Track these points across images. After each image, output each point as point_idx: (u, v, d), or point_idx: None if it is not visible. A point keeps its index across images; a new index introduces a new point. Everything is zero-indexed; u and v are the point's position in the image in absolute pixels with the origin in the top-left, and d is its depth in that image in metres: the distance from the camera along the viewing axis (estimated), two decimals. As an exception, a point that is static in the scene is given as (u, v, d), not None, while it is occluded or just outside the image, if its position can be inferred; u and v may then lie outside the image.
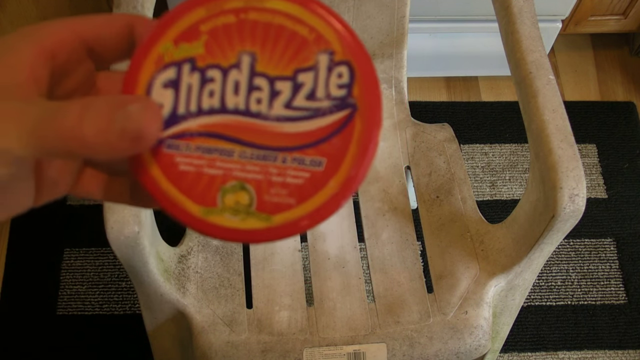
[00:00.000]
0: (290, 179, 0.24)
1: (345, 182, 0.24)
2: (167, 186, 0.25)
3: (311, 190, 0.24)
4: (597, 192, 1.39)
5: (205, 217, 0.24)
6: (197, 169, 0.25)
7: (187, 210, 0.25)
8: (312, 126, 0.24)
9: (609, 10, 1.37)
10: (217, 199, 0.24)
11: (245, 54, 0.25)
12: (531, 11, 0.77)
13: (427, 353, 0.78)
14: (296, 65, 0.25)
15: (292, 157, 0.24)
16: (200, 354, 0.77)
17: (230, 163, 0.25)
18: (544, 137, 0.69)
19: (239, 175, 0.24)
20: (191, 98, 0.25)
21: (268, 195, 0.24)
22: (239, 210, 0.24)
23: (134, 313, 1.22)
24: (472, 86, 1.51)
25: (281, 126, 0.25)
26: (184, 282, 0.78)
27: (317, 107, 0.25)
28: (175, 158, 0.25)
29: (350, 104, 0.24)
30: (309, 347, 0.77)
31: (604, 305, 1.28)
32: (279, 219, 0.24)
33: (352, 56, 0.25)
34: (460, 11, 1.28)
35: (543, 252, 0.75)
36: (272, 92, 0.25)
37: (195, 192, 0.25)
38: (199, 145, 0.25)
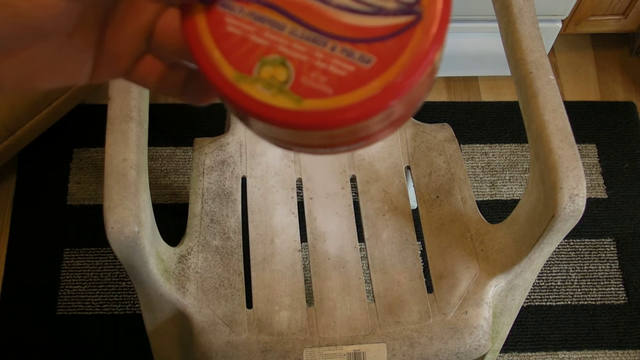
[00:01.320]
0: (334, 68, 0.23)
1: (389, 86, 0.23)
2: (208, 43, 0.24)
3: (351, 84, 0.23)
4: (597, 192, 1.39)
5: (236, 83, 0.24)
6: (244, 33, 0.24)
7: (220, 71, 0.24)
8: (371, 22, 0.23)
9: (609, 10, 1.37)
10: (255, 67, 0.24)
11: None
12: (531, 11, 0.77)
13: (427, 353, 0.78)
14: None
15: (342, 47, 0.23)
16: (200, 354, 0.77)
17: (279, 36, 0.24)
18: (544, 137, 0.69)
19: (284, 51, 0.23)
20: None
21: (307, 78, 0.23)
22: (272, 85, 0.23)
23: (134, 313, 1.22)
24: (472, 86, 1.51)
25: (340, 14, 0.24)
26: (184, 282, 0.78)
27: (382, 5, 0.23)
28: (226, 17, 0.24)
29: (416, 12, 0.23)
30: (309, 347, 0.77)
31: (604, 305, 1.28)
32: (310, 104, 0.23)
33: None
34: (460, 11, 1.28)
35: (543, 252, 0.75)
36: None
37: (234, 56, 0.24)
38: (253, 11, 0.24)
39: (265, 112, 0.23)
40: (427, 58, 0.23)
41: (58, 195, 1.31)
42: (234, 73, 0.24)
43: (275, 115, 0.23)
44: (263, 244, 0.85)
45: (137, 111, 0.69)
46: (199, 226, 0.83)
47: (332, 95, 0.23)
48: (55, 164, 1.35)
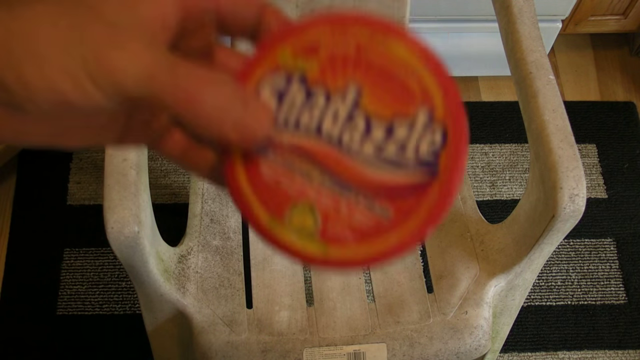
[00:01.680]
0: (357, 219, 0.25)
1: (404, 240, 0.25)
2: (245, 186, 0.26)
3: (371, 236, 0.25)
4: (597, 192, 1.39)
5: (270, 228, 0.26)
6: (277, 181, 0.26)
7: (256, 215, 0.26)
8: (393, 178, 0.26)
9: (609, 10, 1.37)
10: (286, 215, 0.26)
11: (353, 85, 0.26)
12: (531, 11, 0.77)
13: (427, 353, 0.78)
14: (396, 114, 0.26)
15: (365, 200, 0.26)
16: (200, 354, 0.77)
17: (308, 186, 0.26)
18: (544, 137, 0.69)
19: (312, 199, 0.26)
20: (292, 112, 0.26)
21: (332, 226, 0.26)
22: (302, 233, 0.26)
23: (134, 313, 1.22)
24: (472, 86, 1.51)
25: (365, 167, 0.26)
26: (184, 282, 0.78)
27: (403, 161, 0.26)
28: (262, 165, 0.26)
29: (434, 170, 0.25)
30: (309, 347, 0.77)
31: (604, 305, 1.28)
32: (334, 252, 0.26)
33: (449, 120, 0.26)
34: (460, 11, 1.28)
35: (543, 252, 0.75)
36: (366, 131, 0.26)
37: (268, 201, 0.26)
38: (287, 159, 0.26)
39: (295, 255, 0.26)
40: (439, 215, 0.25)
41: (58, 195, 1.31)
42: (268, 218, 0.26)
43: (304, 259, 0.26)
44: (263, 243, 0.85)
45: (137, 111, 0.69)
46: (199, 226, 0.83)
47: (354, 244, 0.25)
48: (55, 164, 1.35)
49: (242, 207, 0.26)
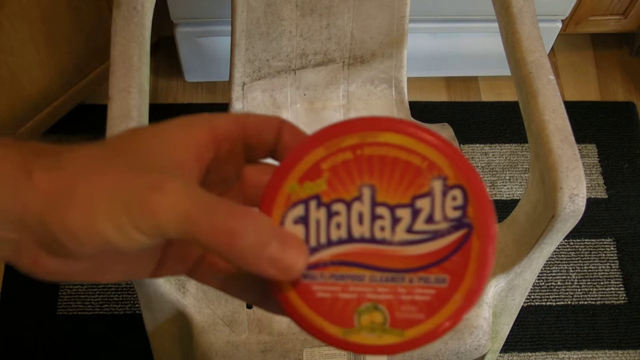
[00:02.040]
0: (418, 297, 0.27)
1: (468, 294, 0.27)
2: (306, 311, 0.27)
3: (438, 305, 0.27)
4: (597, 192, 1.39)
5: (345, 337, 0.27)
6: (333, 294, 0.27)
7: (327, 332, 0.27)
8: (433, 247, 0.27)
9: (609, 10, 1.37)
10: (354, 320, 0.27)
11: (365, 186, 0.27)
12: (531, 11, 0.77)
13: (427, 353, 0.78)
14: (413, 193, 0.27)
15: (418, 277, 0.27)
16: (200, 354, 0.77)
17: (362, 287, 0.27)
18: (544, 137, 0.69)
19: (372, 297, 0.27)
20: (320, 231, 0.27)
21: (399, 312, 0.27)
22: (375, 329, 0.27)
23: (134, 313, 1.22)
24: (472, 86, 1.51)
25: (405, 250, 0.27)
26: (184, 282, 0.78)
27: (436, 229, 0.27)
28: (313, 287, 0.27)
29: (466, 224, 0.27)
30: (309, 347, 0.77)
31: (604, 305, 1.28)
32: (412, 332, 0.27)
33: (463, 179, 0.27)
34: (460, 11, 1.28)
35: (543, 252, 0.75)
36: (393, 219, 0.27)
37: (333, 316, 0.27)
38: (332, 273, 0.27)
39: (379, 351, 0.27)
40: (489, 258, 0.27)
41: (58, 195, 1.31)
42: (339, 330, 0.27)
43: (387, 351, 0.27)
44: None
45: (137, 111, 0.69)
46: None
47: (426, 319, 0.27)
48: (55, 164, 1.34)
49: (310, 330, 0.27)
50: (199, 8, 1.20)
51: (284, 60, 0.97)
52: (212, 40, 1.28)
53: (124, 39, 0.71)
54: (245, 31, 0.92)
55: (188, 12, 1.21)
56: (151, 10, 0.75)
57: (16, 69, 1.08)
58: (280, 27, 0.93)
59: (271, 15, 0.92)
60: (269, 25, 0.93)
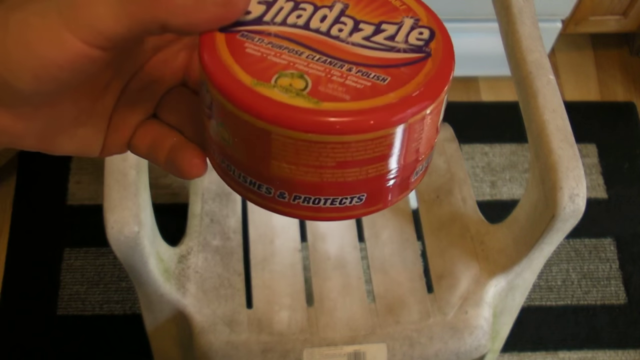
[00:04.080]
0: (351, 82, 0.24)
1: (406, 97, 0.24)
2: (226, 57, 0.25)
3: (369, 93, 0.24)
4: (597, 192, 1.39)
5: (254, 87, 0.24)
6: (263, 54, 0.25)
7: (237, 77, 0.24)
8: (385, 56, 0.25)
9: (609, 10, 1.37)
10: (272, 78, 0.24)
11: (338, 2, 0.27)
12: (531, 11, 0.77)
13: (427, 353, 0.78)
14: (383, 18, 0.26)
15: (358, 69, 0.25)
16: (200, 354, 0.77)
17: (296, 59, 0.25)
18: (544, 137, 0.69)
19: (301, 68, 0.24)
20: (279, 14, 0.26)
21: (324, 86, 0.24)
22: (290, 90, 0.24)
23: (134, 313, 1.22)
24: (472, 86, 1.51)
25: (355, 49, 0.25)
26: (184, 282, 0.78)
27: (393, 45, 0.26)
28: (245, 43, 0.25)
29: (425, 52, 0.26)
30: (309, 347, 0.77)
31: (604, 305, 1.28)
32: (328, 105, 0.23)
33: (435, 26, 0.27)
34: (460, 11, 1.28)
35: (543, 252, 0.75)
36: (355, 27, 0.26)
37: (252, 68, 0.24)
38: (272, 41, 0.25)
39: (285, 112, 0.23)
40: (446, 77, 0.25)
41: (58, 195, 1.31)
42: (251, 80, 0.24)
43: (295, 115, 0.23)
44: (263, 244, 0.85)
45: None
46: (199, 226, 0.83)
47: (350, 100, 0.23)
48: (55, 163, 1.35)
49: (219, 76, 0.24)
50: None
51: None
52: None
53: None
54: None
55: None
56: None
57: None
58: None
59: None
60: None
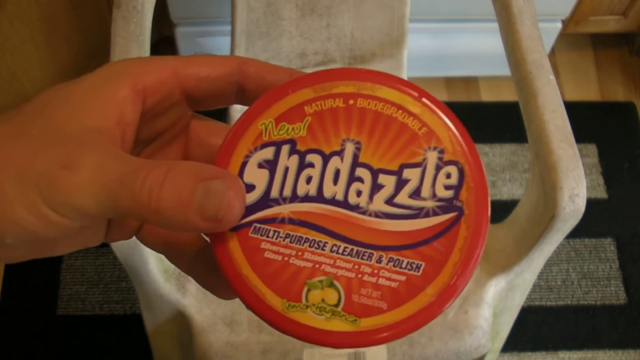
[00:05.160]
0: (384, 281, 0.22)
1: (444, 290, 0.22)
2: (248, 272, 0.23)
3: (405, 295, 0.22)
4: (597, 192, 1.39)
5: (286, 313, 0.23)
6: (284, 258, 0.23)
7: (267, 302, 0.23)
8: (413, 226, 0.23)
9: (609, 10, 1.37)
10: (302, 294, 0.23)
11: (349, 142, 0.23)
12: (531, 11, 0.76)
13: (427, 353, 0.78)
14: (403, 160, 0.23)
15: (388, 257, 0.23)
16: (200, 354, 0.77)
17: (321, 256, 0.23)
18: (544, 137, 0.69)
19: (329, 271, 0.23)
20: (287, 182, 0.23)
21: (358, 295, 0.22)
22: (325, 309, 0.22)
23: (134, 313, 1.22)
24: (472, 86, 1.51)
25: (380, 223, 0.23)
26: (184, 282, 0.78)
27: (421, 206, 0.23)
28: (262, 244, 0.23)
29: (457, 207, 0.23)
30: (309, 347, 0.77)
31: (604, 305, 1.28)
32: (367, 323, 0.22)
33: (462, 157, 0.24)
34: (460, 11, 1.28)
35: (543, 252, 0.75)
36: (374, 185, 0.23)
37: (278, 284, 0.23)
38: (289, 232, 0.23)
39: (322, 338, 0.22)
40: (477, 251, 0.23)
41: (58, 195, 1.31)
42: (281, 302, 0.23)
43: (333, 340, 0.22)
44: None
45: (137, 111, 0.69)
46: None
47: (387, 310, 0.22)
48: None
49: (247, 296, 0.23)
50: (199, 8, 1.20)
51: (284, 60, 0.97)
52: (212, 40, 1.28)
53: (124, 39, 0.71)
54: (245, 31, 0.92)
55: (188, 12, 1.21)
56: (151, 10, 0.75)
57: (16, 68, 1.08)
58: (280, 27, 0.93)
59: (271, 15, 0.92)
60: (269, 25, 0.93)
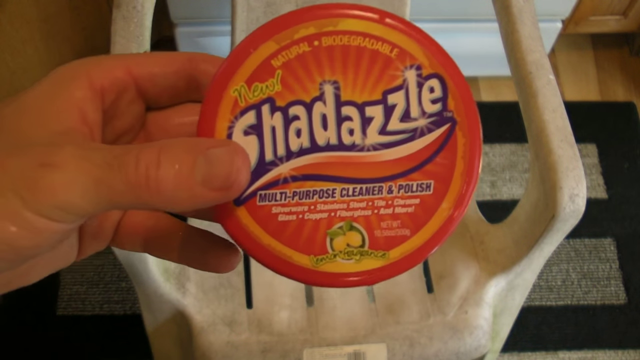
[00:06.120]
0: (400, 209, 0.23)
1: (458, 200, 0.23)
2: (268, 241, 0.23)
3: (424, 216, 0.23)
4: (597, 192, 1.39)
5: (317, 267, 0.23)
6: (298, 216, 0.23)
7: (296, 263, 0.23)
8: (413, 148, 0.23)
9: (609, 10, 1.37)
10: (327, 244, 0.23)
11: (326, 83, 0.23)
12: (531, 11, 0.76)
13: (427, 353, 0.78)
14: (384, 87, 0.23)
15: (398, 185, 0.23)
16: (200, 354, 0.77)
17: (334, 204, 0.23)
18: (544, 137, 0.69)
19: (346, 215, 0.23)
20: (277, 141, 0.23)
21: (380, 230, 0.23)
22: (352, 253, 0.23)
23: (134, 313, 1.22)
24: (472, 86, 1.51)
25: (380, 155, 0.23)
26: (184, 282, 0.78)
27: (414, 127, 0.23)
28: (273, 209, 0.23)
29: (449, 118, 0.23)
30: (309, 347, 0.77)
31: (604, 305, 1.28)
32: (396, 253, 0.23)
33: (440, 68, 0.24)
34: (460, 11, 1.28)
35: (543, 252, 0.75)
36: (363, 119, 0.23)
37: (301, 242, 0.23)
38: (296, 190, 0.23)
39: (358, 281, 0.23)
40: (477, 154, 0.23)
41: (58, 195, 1.31)
42: (309, 259, 0.23)
43: (369, 279, 0.23)
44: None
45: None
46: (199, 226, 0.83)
47: (412, 235, 0.23)
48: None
49: (274, 264, 0.23)
50: (199, 8, 1.20)
51: (284, 60, 0.97)
52: (212, 40, 1.28)
53: (124, 39, 0.71)
54: (245, 31, 0.92)
55: (188, 12, 1.21)
56: (151, 10, 0.75)
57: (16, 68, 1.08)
58: (280, 27, 0.93)
59: (271, 15, 0.92)
60: (269, 25, 0.93)
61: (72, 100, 0.22)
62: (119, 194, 0.20)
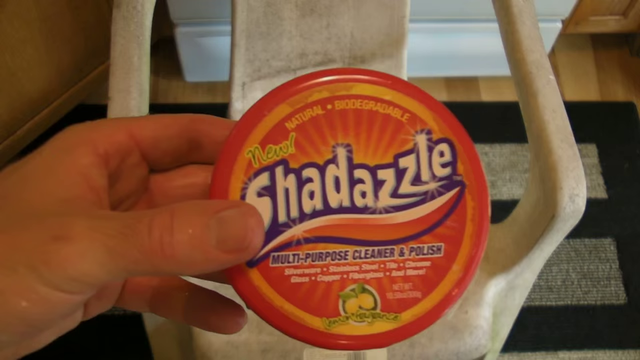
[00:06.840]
0: (412, 271, 0.23)
1: (468, 262, 0.24)
2: (281, 303, 0.23)
3: (435, 278, 0.23)
4: (597, 192, 1.39)
5: (329, 330, 0.23)
6: (311, 278, 0.23)
7: (308, 325, 0.23)
8: (424, 211, 0.24)
9: (609, 10, 1.37)
10: (339, 307, 0.23)
11: (339, 146, 0.23)
12: (531, 11, 0.76)
13: (427, 353, 0.78)
14: (395, 151, 0.24)
15: (410, 248, 0.23)
16: (200, 354, 0.77)
17: (346, 266, 0.23)
18: (544, 137, 0.69)
19: (358, 277, 0.23)
20: (291, 203, 0.23)
21: (392, 292, 0.23)
22: (365, 315, 0.23)
23: (134, 313, 1.22)
24: (472, 86, 1.51)
25: (391, 217, 0.23)
26: (184, 282, 0.78)
27: (425, 190, 0.24)
28: (285, 271, 0.23)
29: (458, 182, 0.24)
30: (309, 347, 0.77)
31: (604, 305, 1.28)
32: (408, 315, 0.23)
33: (449, 132, 0.24)
34: (460, 11, 1.28)
35: (543, 252, 0.75)
36: (375, 182, 0.24)
37: (313, 304, 0.23)
38: (308, 252, 0.23)
39: (370, 343, 0.23)
40: (486, 217, 0.24)
41: (58, 195, 1.31)
42: (322, 321, 0.23)
43: (381, 341, 0.23)
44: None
45: (137, 111, 0.69)
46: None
47: (423, 297, 0.23)
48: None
49: (286, 327, 0.23)
50: (199, 8, 1.20)
51: (284, 60, 0.97)
52: (212, 40, 1.28)
53: (124, 39, 0.71)
54: (245, 31, 0.92)
55: (188, 12, 1.21)
56: (151, 10, 0.75)
57: (16, 69, 1.08)
58: (280, 27, 0.93)
59: (271, 15, 0.92)
60: (269, 25, 0.93)
61: (77, 167, 0.22)
62: (133, 262, 0.20)
